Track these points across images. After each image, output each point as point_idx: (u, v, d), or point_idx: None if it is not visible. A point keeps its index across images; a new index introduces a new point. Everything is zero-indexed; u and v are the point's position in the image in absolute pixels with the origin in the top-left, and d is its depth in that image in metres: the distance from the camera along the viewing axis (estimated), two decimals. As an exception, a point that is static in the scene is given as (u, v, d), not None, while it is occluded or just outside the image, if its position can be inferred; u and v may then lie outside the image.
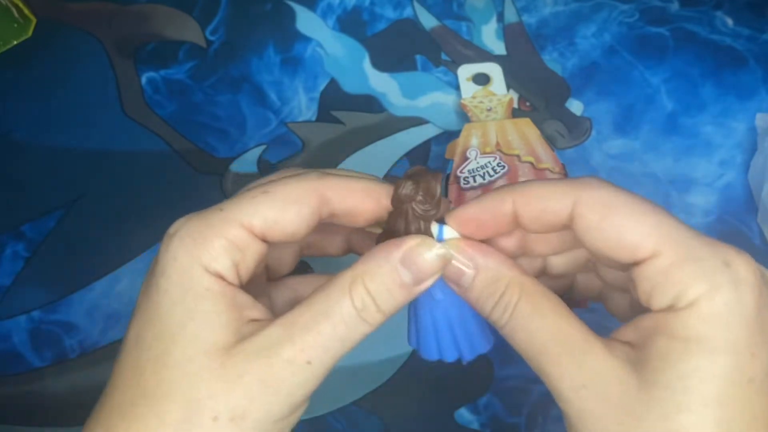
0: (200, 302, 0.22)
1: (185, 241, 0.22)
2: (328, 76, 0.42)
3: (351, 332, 0.22)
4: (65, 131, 0.41)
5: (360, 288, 0.22)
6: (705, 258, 0.20)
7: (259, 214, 0.23)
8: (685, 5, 0.43)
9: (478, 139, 0.37)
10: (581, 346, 0.21)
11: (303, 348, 0.22)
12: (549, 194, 0.22)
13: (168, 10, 0.43)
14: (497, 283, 0.23)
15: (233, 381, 0.21)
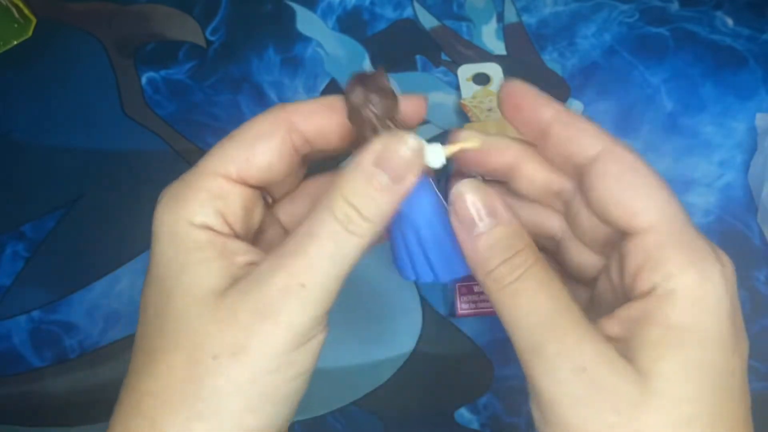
0: (190, 254, 0.22)
1: (168, 203, 0.23)
2: (328, 76, 0.42)
3: (340, 248, 0.21)
4: (65, 131, 0.41)
5: (339, 201, 0.22)
6: (700, 246, 0.20)
7: (230, 158, 0.23)
8: (685, 5, 0.43)
9: (478, 139, 0.37)
10: (585, 328, 0.20)
11: (292, 272, 0.21)
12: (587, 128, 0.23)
13: (168, 10, 0.43)
14: (516, 240, 0.21)
15: (228, 319, 0.21)
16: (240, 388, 0.21)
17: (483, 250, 0.22)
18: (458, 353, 0.38)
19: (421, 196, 0.23)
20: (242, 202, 0.24)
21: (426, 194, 0.23)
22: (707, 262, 0.20)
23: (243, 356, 0.21)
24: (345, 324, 0.38)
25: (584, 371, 0.19)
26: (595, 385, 0.19)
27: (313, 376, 0.39)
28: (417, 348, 0.38)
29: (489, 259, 0.21)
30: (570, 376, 0.19)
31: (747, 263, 0.38)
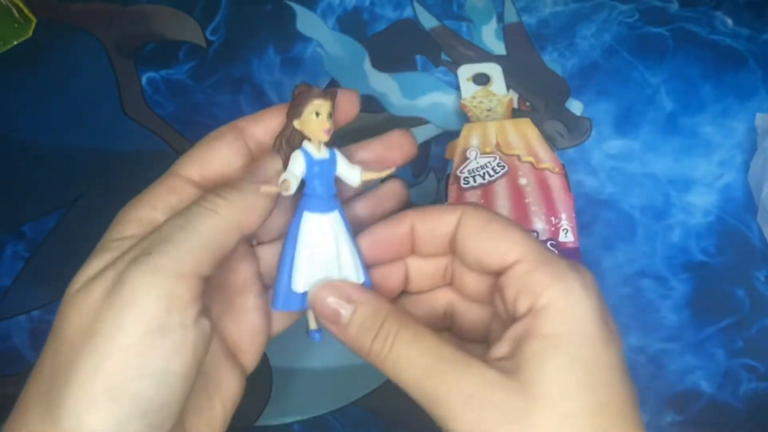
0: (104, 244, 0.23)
1: (130, 201, 0.25)
2: (328, 76, 0.42)
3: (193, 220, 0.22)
4: (65, 131, 0.41)
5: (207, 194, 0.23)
6: (558, 264, 0.23)
7: (191, 160, 0.26)
8: (684, 5, 0.43)
9: (478, 139, 0.37)
10: (463, 361, 0.22)
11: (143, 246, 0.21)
12: (442, 209, 0.25)
13: (168, 10, 0.43)
14: (376, 315, 0.24)
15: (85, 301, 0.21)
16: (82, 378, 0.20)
17: (354, 336, 0.24)
18: (458, 353, 0.38)
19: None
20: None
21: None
22: (568, 276, 0.23)
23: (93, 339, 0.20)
24: (345, 324, 0.38)
25: (471, 398, 0.21)
26: (483, 407, 0.21)
27: (313, 376, 0.40)
28: (417, 348, 0.38)
29: (362, 341, 0.24)
30: (462, 407, 0.22)
31: (747, 263, 0.38)
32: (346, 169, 0.25)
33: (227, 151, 0.25)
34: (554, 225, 0.35)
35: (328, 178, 0.25)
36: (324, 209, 0.25)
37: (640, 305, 0.38)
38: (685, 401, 0.37)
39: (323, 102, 0.24)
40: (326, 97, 0.24)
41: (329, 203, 0.25)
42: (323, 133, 0.24)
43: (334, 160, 0.25)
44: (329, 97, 0.25)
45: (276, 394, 0.38)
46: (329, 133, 0.25)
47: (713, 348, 0.37)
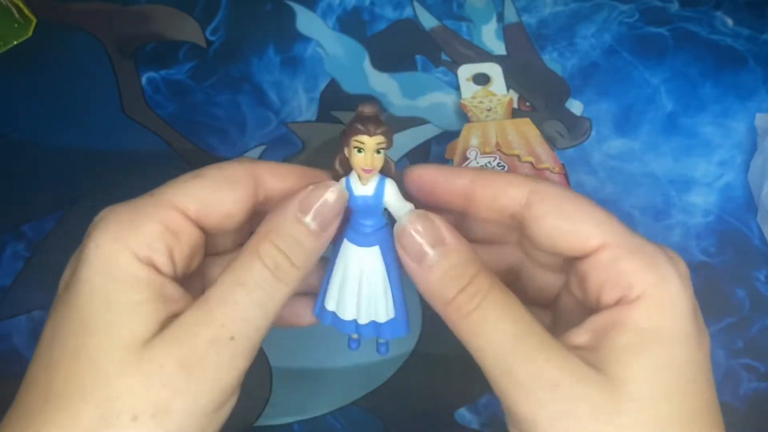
0: (122, 291, 0.20)
1: (111, 227, 0.21)
2: (328, 76, 0.42)
3: (269, 296, 0.21)
4: (65, 131, 0.41)
5: (268, 247, 0.21)
6: (651, 251, 0.21)
7: (193, 196, 0.22)
8: (684, 5, 0.43)
9: (478, 139, 0.37)
10: (553, 345, 0.20)
11: (223, 323, 0.20)
12: (508, 179, 0.23)
13: (168, 10, 0.43)
14: (469, 266, 0.21)
15: (152, 373, 0.19)
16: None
17: (437, 282, 0.21)
18: (458, 353, 0.38)
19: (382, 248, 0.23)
20: (193, 243, 0.22)
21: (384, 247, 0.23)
22: (663, 265, 0.20)
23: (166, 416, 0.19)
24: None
25: (558, 387, 0.19)
26: (570, 399, 0.19)
27: (314, 376, 0.40)
28: (417, 348, 0.38)
29: (445, 290, 0.21)
30: (545, 394, 0.19)
31: (747, 263, 0.38)
32: (396, 204, 0.23)
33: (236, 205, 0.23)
34: (554, 225, 0.35)
35: (369, 214, 0.23)
36: (361, 243, 0.23)
37: (640, 305, 0.38)
38: (685, 401, 0.37)
39: (367, 139, 0.22)
40: (371, 134, 0.22)
41: (367, 239, 0.23)
42: (363, 172, 0.22)
43: (380, 194, 0.23)
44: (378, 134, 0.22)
45: (276, 394, 0.38)
46: (370, 173, 0.22)
47: (713, 348, 0.37)
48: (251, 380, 0.38)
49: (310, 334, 0.38)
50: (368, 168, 0.22)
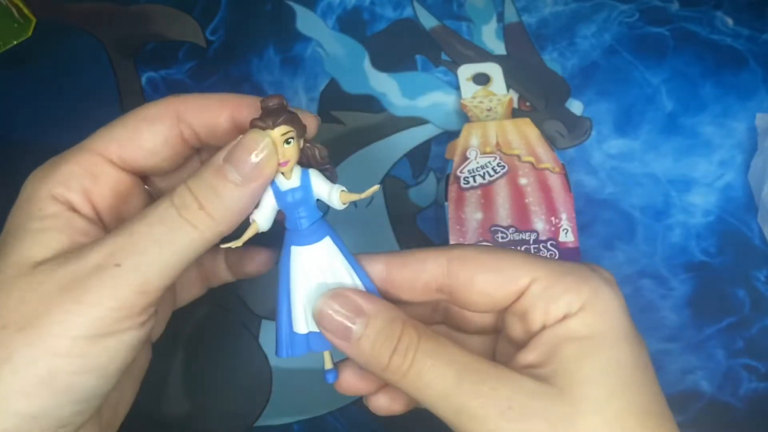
0: (29, 221, 0.21)
1: (36, 173, 0.22)
2: (328, 76, 0.42)
3: (170, 233, 0.20)
4: (65, 131, 0.41)
5: (181, 189, 0.21)
6: (576, 269, 0.22)
7: (113, 138, 0.23)
8: (685, 5, 0.43)
9: (478, 139, 0.37)
10: (494, 371, 0.21)
11: (112, 251, 0.20)
12: (421, 256, 0.23)
13: (168, 10, 0.43)
14: (393, 326, 0.22)
15: (29, 289, 0.19)
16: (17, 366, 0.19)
17: (369, 352, 0.22)
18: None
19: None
20: (114, 185, 0.23)
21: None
22: (591, 278, 0.22)
23: (30, 332, 0.19)
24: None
25: (510, 409, 0.20)
26: (525, 417, 0.20)
27: (314, 376, 0.39)
28: (417, 348, 0.38)
29: (379, 357, 0.21)
30: (500, 419, 0.20)
31: (747, 263, 0.38)
32: (324, 191, 0.23)
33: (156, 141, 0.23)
34: (554, 225, 0.35)
35: (305, 206, 0.23)
36: (310, 241, 0.23)
37: (640, 305, 0.38)
38: (685, 401, 0.37)
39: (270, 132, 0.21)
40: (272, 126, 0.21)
41: (315, 232, 0.23)
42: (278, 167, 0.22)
43: (307, 184, 0.22)
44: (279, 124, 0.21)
45: (276, 394, 0.38)
46: (286, 165, 0.22)
47: (713, 348, 0.37)
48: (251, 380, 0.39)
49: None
50: (282, 161, 0.21)
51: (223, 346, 0.38)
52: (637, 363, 0.21)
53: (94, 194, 0.22)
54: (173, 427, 0.37)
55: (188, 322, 0.34)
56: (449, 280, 0.23)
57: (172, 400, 0.37)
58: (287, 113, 0.21)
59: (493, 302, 0.23)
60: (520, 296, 0.22)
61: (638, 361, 0.21)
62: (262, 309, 0.38)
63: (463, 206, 0.36)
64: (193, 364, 0.38)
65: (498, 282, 0.22)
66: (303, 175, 0.22)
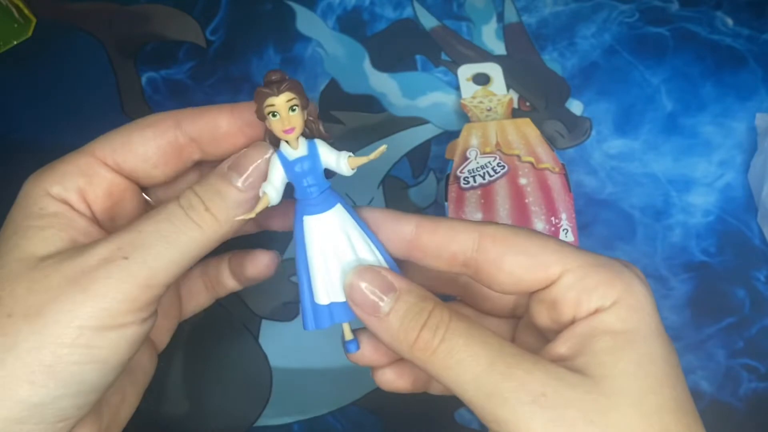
0: (30, 219, 0.22)
1: (36, 174, 0.23)
2: (328, 76, 0.42)
3: (177, 230, 0.21)
4: (65, 131, 0.41)
5: (187, 192, 0.22)
6: (609, 263, 0.22)
7: (109, 143, 0.24)
8: (685, 5, 0.43)
9: (478, 139, 0.37)
10: (528, 358, 0.20)
11: (120, 246, 0.21)
12: (453, 225, 0.23)
13: (168, 10, 0.43)
14: (424, 303, 0.22)
15: (36, 281, 0.20)
16: (22, 353, 0.20)
17: (397, 327, 0.21)
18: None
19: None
20: (108, 186, 0.24)
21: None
22: (624, 273, 0.22)
23: (36, 320, 0.20)
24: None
25: (544, 396, 0.19)
26: (559, 405, 0.19)
27: (314, 376, 0.40)
28: (417, 348, 0.38)
29: (407, 332, 0.21)
30: (533, 406, 0.19)
31: (747, 263, 0.38)
32: (332, 159, 0.23)
33: (151, 146, 0.24)
34: (554, 225, 0.35)
35: (314, 175, 0.23)
36: (322, 209, 0.23)
37: (640, 305, 0.38)
38: (685, 401, 0.37)
39: (275, 99, 0.21)
40: (276, 93, 0.21)
41: (326, 200, 0.23)
42: (284, 134, 0.22)
43: (315, 153, 0.23)
44: (284, 90, 0.21)
45: (276, 394, 0.38)
46: (292, 132, 0.22)
47: (713, 348, 0.37)
48: (251, 380, 0.39)
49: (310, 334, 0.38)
50: (287, 128, 0.22)
51: (223, 346, 0.38)
52: (669, 360, 0.21)
53: (88, 194, 0.23)
54: (173, 427, 0.37)
55: (188, 321, 0.34)
56: (478, 255, 0.22)
57: (172, 400, 0.37)
58: (290, 81, 0.22)
59: (520, 285, 0.22)
60: (550, 284, 0.22)
61: (670, 358, 0.21)
62: (262, 309, 0.38)
63: (463, 206, 0.36)
64: (193, 364, 0.38)
65: (528, 265, 0.22)
66: (310, 145, 0.23)
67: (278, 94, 0.21)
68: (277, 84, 0.21)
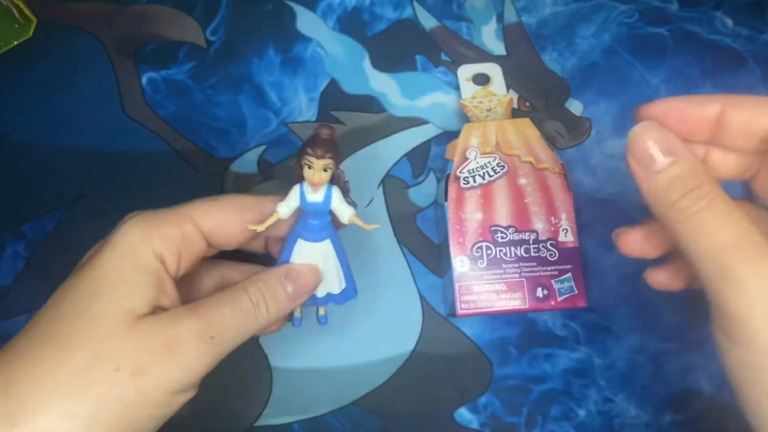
0: (135, 272, 0.24)
1: (140, 224, 0.26)
2: (328, 76, 0.42)
3: (246, 323, 0.26)
4: (66, 131, 0.41)
5: (254, 287, 0.27)
6: None
7: (209, 216, 0.27)
8: (684, 5, 0.43)
9: (477, 139, 0.37)
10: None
11: (208, 323, 0.24)
12: (763, 101, 0.23)
13: (168, 10, 0.43)
14: (697, 174, 0.22)
15: (140, 340, 0.23)
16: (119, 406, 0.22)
17: (663, 185, 0.23)
18: (458, 353, 0.38)
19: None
20: (198, 253, 0.27)
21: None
22: None
23: (140, 377, 0.23)
24: (345, 324, 0.38)
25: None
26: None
27: (314, 376, 0.40)
28: (417, 348, 0.38)
29: (669, 192, 0.23)
30: (758, 291, 0.20)
31: (746, 263, 0.38)
32: (340, 206, 0.29)
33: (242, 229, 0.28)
34: (554, 225, 0.35)
35: (320, 216, 0.29)
36: (314, 239, 0.29)
37: (640, 305, 0.38)
38: (684, 401, 0.37)
39: (314, 160, 0.27)
40: (318, 156, 0.27)
41: (319, 235, 0.29)
42: (311, 185, 0.28)
43: (328, 200, 0.28)
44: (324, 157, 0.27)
45: (276, 394, 0.38)
46: (317, 188, 0.28)
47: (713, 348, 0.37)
48: (252, 380, 0.39)
49: (309, 335, 0.38)
50: (315, 183, 0.28)
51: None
52: None
53: (183, 257, 0.26)
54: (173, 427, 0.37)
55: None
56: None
57: (172, 400, 0.37)
58: (334, 149, 0.27)
59: None
60: None
61: None
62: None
63: (462, 206, 0.36)
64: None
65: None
66: (327, 191, 0.28)
67: (319, 159, 0.27)
68: (323, 148, 0.27)
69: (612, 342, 0.38)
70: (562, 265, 0.35)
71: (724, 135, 0.24)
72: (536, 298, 0.35)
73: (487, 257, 0.35)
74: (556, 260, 0.35)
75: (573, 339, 0.39)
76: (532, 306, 0.35)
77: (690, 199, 0.22)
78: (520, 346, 0.38)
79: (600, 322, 0.39)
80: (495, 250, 0.35)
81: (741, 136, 0.24)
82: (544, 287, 0.35)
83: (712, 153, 0.25)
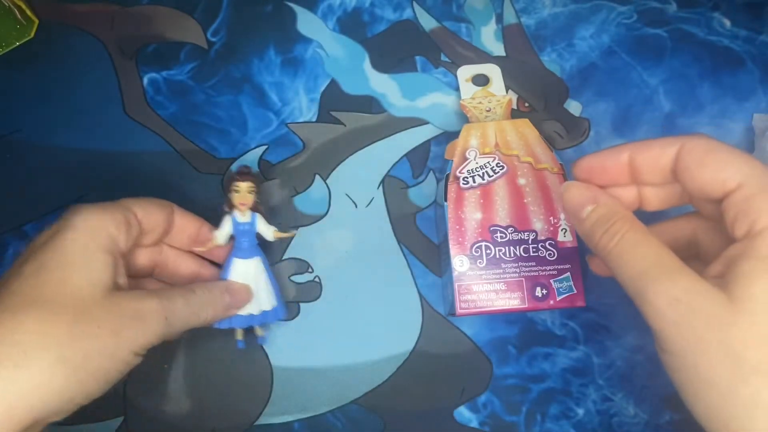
0: (100, 252, 0.29)
1: (93, 210, 0.30)
2: (328, 77, 0.42)
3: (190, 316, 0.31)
4: (67, 132, 0.41)
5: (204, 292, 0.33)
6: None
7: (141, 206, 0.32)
8: (682, 6, 0.43)
9: (477, 139, 0.37)
10: (677, 268, 0.24)
11: (165, 306, 0.30)
12: (660, 142, 0.27)
13: (169, 11, 0.43)
14: (612, 216, 0.27)
15: (114, 308, 0.28)
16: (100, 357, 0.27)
17: (588, 229, 0.28)
18: (458, 352, 0.39)
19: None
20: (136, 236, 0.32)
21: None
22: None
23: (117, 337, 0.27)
24: (345, 323, 0.39)
25: (679, 301, 0.23)
26: (688, 311, 0.23)
27: (314, 375, 0.40)
28: (417, 347, 0.38)
29: (593, 233, 0.27)
30: (668, 308, 0.24)
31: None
32: (264, 228, 0.36)
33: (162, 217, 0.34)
34: (553, 225, 0.35)
35: (249, 236, 0.35)
36: (246, 256, 0.35)
37: (639, 304, 0.39)
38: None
39: (240, 183, 0.35)
40: (243, 179, 0.35)
41: (250, 252, 0.35)
42: (240, 206, 0.35)
43: (254, 222, 0.35)
44: (246, 179, 0.35)
45: (276, 393, 0.38)
46: (245, 206, 0.35)
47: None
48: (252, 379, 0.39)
49: (310, 334, 0.38)
50: (243, 202, 0.35)
51: (223, 345, 0.38)
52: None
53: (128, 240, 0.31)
54: (174, 426, 0.37)
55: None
56: (677, 166, 0.26)
57: (173, 399, 0.38)
58: (253, 175, 0.35)
59: (704, 195, 0.26)
60: (725, 197, 0.25)
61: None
62: (262, 308, 0.38)
63: (462, 206, 0.36)
64: (194, 362, 0.38)
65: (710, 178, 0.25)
66: (252, 216, 0.35)
67: (243, 182, 0.35)
68: (243, 175, 0.35)
69: (611, 341, 0.39)
70: (561, 264, 0.35)
71: (640, 175, 0.28)
72: (535, 297, 0.35)
73: (486, 257, 0.35)
74: (555, 260, 0.35)
75: (572, 338, 0.39)
76: (531, 305, 0.35)
77: (607, 237, 0.27)
78: (519, 346, 0.39)
79: (599, 321, 0.39)
80: (494, 249, 0.35)
81: (653, 174, 0.28)
82: (543, 287, 0.35)
83: (643, 190, 0.29)
